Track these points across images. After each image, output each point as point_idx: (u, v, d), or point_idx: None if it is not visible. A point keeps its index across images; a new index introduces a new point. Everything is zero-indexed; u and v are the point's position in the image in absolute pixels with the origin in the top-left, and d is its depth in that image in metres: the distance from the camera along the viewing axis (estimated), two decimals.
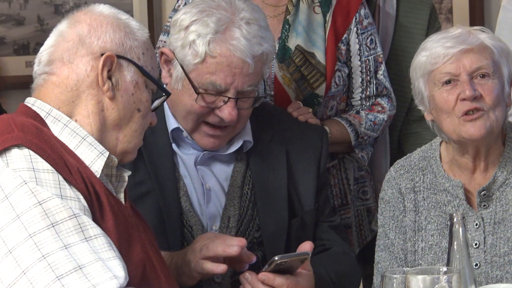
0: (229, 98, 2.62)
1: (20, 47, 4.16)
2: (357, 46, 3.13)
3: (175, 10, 3.11)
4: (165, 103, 2.67)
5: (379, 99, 3.19)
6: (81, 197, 2.03)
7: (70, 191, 2.02)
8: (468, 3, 4.07)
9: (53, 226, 1.95)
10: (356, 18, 3.12)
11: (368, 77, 3.15)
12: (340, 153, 3.18)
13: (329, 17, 3.07)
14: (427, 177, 2.77)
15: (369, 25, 3.15)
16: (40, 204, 1.96)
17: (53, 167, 2.02)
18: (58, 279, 1.90)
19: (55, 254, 1.92)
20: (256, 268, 2.52)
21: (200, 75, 2.63)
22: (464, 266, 2.22)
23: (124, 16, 2.26)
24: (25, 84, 2.29)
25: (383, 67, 3.17)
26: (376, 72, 3.16)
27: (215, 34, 2.60)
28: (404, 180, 2.80)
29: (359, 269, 2.83)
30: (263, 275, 2.45)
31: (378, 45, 3.17)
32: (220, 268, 2.46)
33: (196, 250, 2.49)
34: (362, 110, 3.18)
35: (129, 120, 2.21)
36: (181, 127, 2.71)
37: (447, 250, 2.61)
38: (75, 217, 1.97)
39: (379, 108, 3.18)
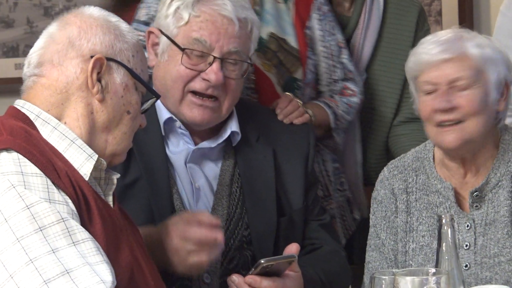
0: (215, 57, 2.61)
1: (10, 49, 4.16)
2: (320, 32, 3.15)
3: (137, 21, 3.09)
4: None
5: (347, 83, 3.21)
6: (69, 201, 2.02)
7: (58, 195, 2.01)
8: (457, 5, 4.07)
9: (40, 230, 1.94)
10: (315, 5, 3.15)
11: (333, 62, 3.16)
12: (318, 138, 3.17)
13: (291, 5, 3.09)
14: (420, 178, 2.77)
15: (328, 12, 3.17)
16: (28, 208, 1.95)
17: (41, 170, 2.01)
18: (46, 283, 1.89)
19: (43, 258, 1.91)
20: (245, 268, 2.52)
21: (185, 37, 2.62)
22: (453, 267, 2.21)
23: (114, 19, 2.25)
24: (14, 86, 2.27)
25: (345, 51, 3.19)
26: (339, 56, 3.17)
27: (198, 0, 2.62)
28: (397, 180, 2.80)
29: (349, 268, 2.83)
30: (250, 278, 2.45)
31: (338, 31, 3.19)
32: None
33: (179, 249, 2.44)
34: (334, 94, 3.19)
35: (119, 122, 2.20)
36: (173, 117, 2.69)
37: None
38: (63, 221, 1.96)
39: (350, 92, 3.20)
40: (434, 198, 2.74)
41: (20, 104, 2.18)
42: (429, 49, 2.65)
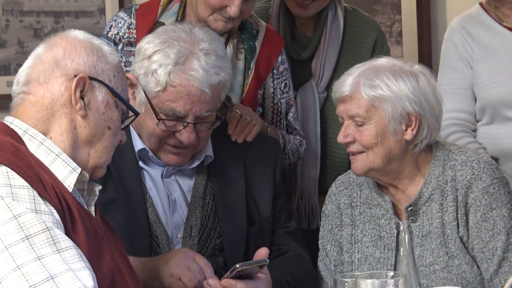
0: (188, 123, 2.62)
1: (2, 68, 4.14)
2: (271, 90, 3.11)
3: (106, 36, 3.06)
4: (131, 126, 2.69)
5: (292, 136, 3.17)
6: (54, 211, 2.01)
7: (44, 206, 2.00)
8: (416, 26, 4.09)
9: (27, 238, 1.93)
10: (274, 65, 3.10)
11: (279, 118, 3.13)
12: None
13: (253, 64, 3.04)
14: (364, 193, 2.78)
15: (284, 71, 3.12)
16: (16, 218, 1.94)
17: (28, 183, 2.01)
18: None
19: (29, 265, 1.91)
20: (218, 274, 2.52)
21: (161, 102, 2.62)
22: (410, 270, 2.22)
23: (97, 41, 2.26)
24: (6, 103, 2.27)
25: (293, 109, 3.15)
26: (287, 113, 3.14)
27: (175, 66, 2.59)
28: (342, 196, 2.81)
29: (313, 271, 2.82)
30: (225, 281, 2.46)
31: (291, 88, 3.15)
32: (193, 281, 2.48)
33: (179, 265, 2.48)
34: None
35: (100, 137, 2.20)
36: (147, 148, 2.70)
37: (380, 260, 2.66)
38: (48, 230, 1.96)
39: (299, 139, 3.16)
40: (376, 211, 2.74)
41: (9, 120, 2.17)
42: (339, 81, 2.70)
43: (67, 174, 2.12)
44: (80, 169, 2.14)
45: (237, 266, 2.41)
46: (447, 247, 2.64)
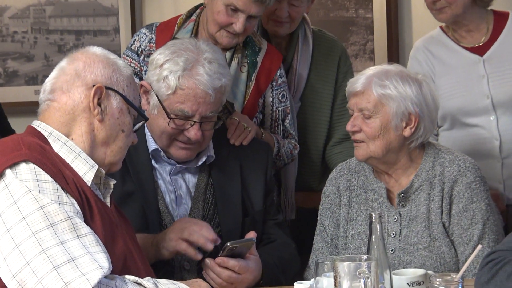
0: (195, 122, 2.62)
1: (30, 79, 4.12)
2: (270, 99, 3.09)
3: (130, 49, 3.06)
4: (146, 128, 2.69)
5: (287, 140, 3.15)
6: (75, 202, 2.02)
7: (66, 198, 2.00)
8: (386, 45, 4.09)
9: (51, 226, 1.94)
10: (274, 78, 3.09)
11: (276, 124, 3.12)
12: None
13: (254, 76, 3.03)
14: (361, 179, 2.78)
15: (282, 83, 3.11)
16: (42, 208, 1.95)
17: (53, 178, 2.01)
18: (55, 269, 1.89)
19: (53, 249, 1.91)
20: (215, 257, 2.51)
21: (171, 104, 2.62)
22: (380, 254, 2.21)
23: (112, 56, 2.25)
24: (34, 109, 2.26)
25: (289, 117, 3.14)
26: (284, 120, 3.13)
27: (183, 71, 2.60)
28: (342, 180, 2.80)
29: (297, 256, 2.82)
30: (219, 259, 2.45)
31: (287, 98, 3.13)
32: (199, 256, 2.49)
33: (176, 229, 2.49)
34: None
35: (115, 138, 2.20)
36: (159, 148, 2.70)
37: None
38: (70, 219, 1.96)
39: (294, 142, 3.15)
40: (370, 195, 2.74)
41: (37, 124, 2.17)
42: (353, 80, 2.70)
43: (86, 170, 2.12)
44: (97, 166, 2.14)
45: (228, 244, 2.42)
46: (430, 230, 2.64)
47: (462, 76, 3.26)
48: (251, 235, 2.53)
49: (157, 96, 2.62)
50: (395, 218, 2.68)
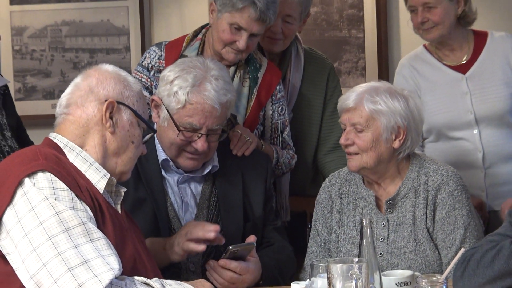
0: (202, 134, 2.62)
1: (47, 94, 4.12)
2: (270, 112, 3.09)
3: (141, 65, 3.06)
4: (156, 140, 2.69)
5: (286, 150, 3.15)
6: (88, 209, 2.02)
7: (80, 205, 2.00)
8: (377, 63, 4.10)
9: (66, 230, 1.94)
10: (273, 93, 3.08)
11: (276, 135, 3.11)
12: None
13: (255, 91, 3.03)
14: (351, 187, 2.77)
15: (281, 98, 3.11)
16: (57, 214, 1.95)
17: (68, 186, 2.01)
18: (70, 270, 1.89)
19: (68, 252, 1.91)
20: (217, 258, 2.52)
21: (181, 117, 2.62)
22: (371, 256, 2.20)
23: (123, 73, 2.25)
24: (51, 121, 2.27)
25: (288, 129, 3.14)
26: (282, 132, 3.12)
27: (192, 87, 2.60)
28: (334, 188, 2.79)
29: (294, 259, 2.81)
30: (222, 261, 2.46)
31: (286, 112, 3.13)
32: (201, 247, 2.49)
33: (182, 234, 2.50)
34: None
35: (125, 149, 2.19)
36: (168, 158, 2.70)
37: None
38: (83, 224, 1.96)
39: (292, 153, 3.14)
40: (360, 202, 2.73)
41: (53, 135, 2.17)
42: (345, 96, 2.70)
43: (99, 179, 2.12)
44: (109, 175, 2.14)
45: (230, 247, 2.42)
46: (416, 235, 2.64)
47: (447, 93, 3.25)
48: (252, 239, 2.53)
49: (167, 110, 2.63)
50: (383, 224, 2.68)
